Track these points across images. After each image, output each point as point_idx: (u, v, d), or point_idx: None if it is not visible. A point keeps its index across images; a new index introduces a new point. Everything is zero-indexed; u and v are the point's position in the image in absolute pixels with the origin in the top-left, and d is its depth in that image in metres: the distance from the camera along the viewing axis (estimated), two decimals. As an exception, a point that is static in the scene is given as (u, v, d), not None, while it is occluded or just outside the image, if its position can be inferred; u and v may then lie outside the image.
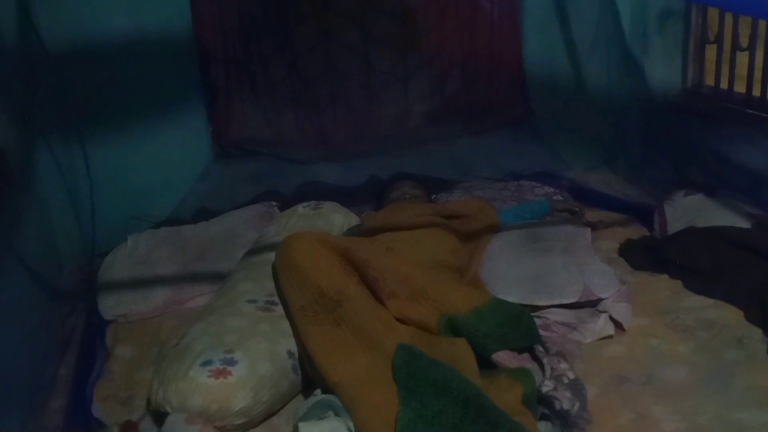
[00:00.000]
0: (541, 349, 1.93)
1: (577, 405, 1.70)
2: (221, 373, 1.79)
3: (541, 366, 1.85)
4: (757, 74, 2.78)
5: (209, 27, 3.04)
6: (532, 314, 2.12)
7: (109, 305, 2.45)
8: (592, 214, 2.87)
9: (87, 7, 2.74)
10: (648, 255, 2.51)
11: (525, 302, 2.18)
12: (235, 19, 3.09)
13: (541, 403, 1.76)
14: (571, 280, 2.23)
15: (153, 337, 2.29)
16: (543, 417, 1.76)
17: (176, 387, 1.77)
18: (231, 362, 1.82)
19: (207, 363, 1.81)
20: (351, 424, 1.69)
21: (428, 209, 2.62)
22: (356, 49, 3.25)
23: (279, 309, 2.08)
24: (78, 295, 2.55)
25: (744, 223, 2.51)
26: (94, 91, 2.80)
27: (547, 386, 1.75)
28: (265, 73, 3.16)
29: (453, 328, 1.96)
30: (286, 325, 2.02)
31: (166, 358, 1.90)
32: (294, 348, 1.97)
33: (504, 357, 1.88)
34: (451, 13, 3.32)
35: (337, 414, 1.73)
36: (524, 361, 1.90)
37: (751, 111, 2.79)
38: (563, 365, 1.81)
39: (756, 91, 2.80)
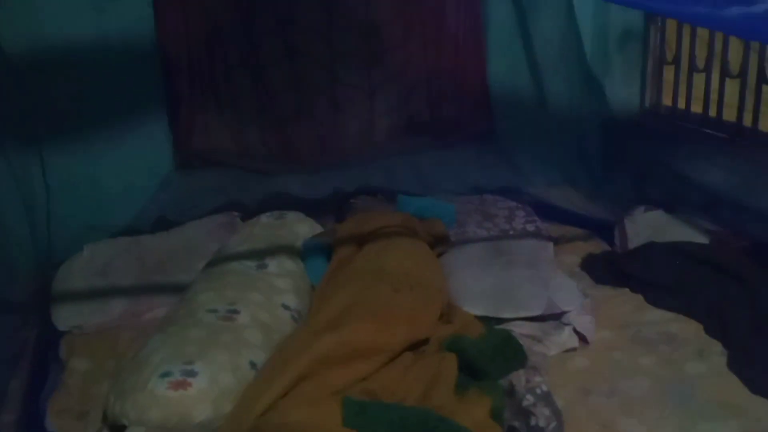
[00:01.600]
0: None
1: (553, 424, 1.72)
2: (180, 385, 1.73)
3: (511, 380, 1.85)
4: (713, 95, 2.85)
5: (173, 36, 3.00)
6: (497, 327, 2.13)
7: (64, 316, 2.38)
8: (554, 229, 2.91)
9: (47, 12, 2.67)
10: (610, 269, 2.54)
11: (490, 315, 2.19)
12: (200, 30, 3.06)
13: (517, 417, 1.75)
14: (535, 294, 2.25)
15: (110, 349, 2.22)
16: (510, 430, 1.75)
17: (134, 400, 1.72)
18: (191, 374, 1.77)
19: (166, 375, 1.75)
20: None
21: (396, 218, 2.62)
22: (322, 63, 3.24)
23: (241, 318, 2.03)
24: (31, 305, 2.46)
25: (702, 239, 2.57)
26: (53, 97, 2.72)
27: (528, 400, 1.75)
28: (229, 85, 3.13)
29: (456, 348, 1.95)
30: (248, 334, 1.98)
31: (123, 370, 1.84)
32: (257, 359, 1.92)
33: None
34: (417, 30, 3.35)
35: None
36: None
37: (707, 131, 2.86)
38: (538, 378, 1.82)
39: (712, 112, 2.88)
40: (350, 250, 2.42)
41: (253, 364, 1.90)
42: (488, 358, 1.92)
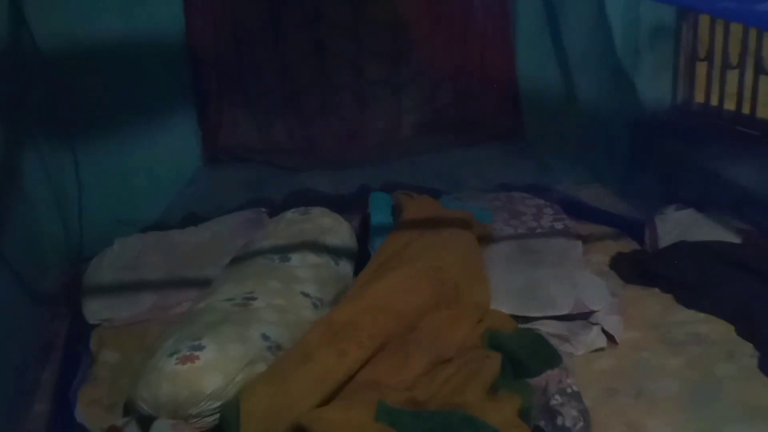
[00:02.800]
0: None
1: (580, 425, 1.70)
2: (188, 359, 1.77)
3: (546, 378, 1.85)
4: (747, 92, 2.80)
5: (202, 33, 3.03)
6: (524, 326, 2.12)
7: (94, 310, 2.42)
8: (583, 228, 2.88)
9: (80, 9, 2.73)
10: (639, 269, 2.51)
11: (517, 314, 2.17)
12: (229, 26, 3.08)
13: (544, 416, 1.74)
14: (563, 292, 2.22)
15: (138, 342, 2.26)
16: (535, 429, 1.74)
17: (145, 380, 1.75)
18: (198, 348, 1.80)
19: (174, 353, 1.79)
20: None
21: (455, 212, 2.64)
22: (349, 60, 3.25)
23: (257, 303, 2.05)
24: (63, 299, 2.51)
25: (733, 239, 2.52)
26: (84, 94, 2.78)
27: (556, 400, 1.74)
28: (257, 81, 3.16)
29: (495, 343, 1.97)
30: (262, 314, 2.00)
31: (142, 362, 1.88)
32: (270, 332, 1.93)
33: None
34: (444, 25, 3.34)
35: None
36: None
37: (740, 128, 2.81)
38: (569, 379, 1.81)
39: (745, 109, 2.82)
40: (408, 235, 2.42)
41: (265, 337, 1.92)
42: (527, 353, 1.93)
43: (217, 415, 1.77)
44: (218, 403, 1.76)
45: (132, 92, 2.86)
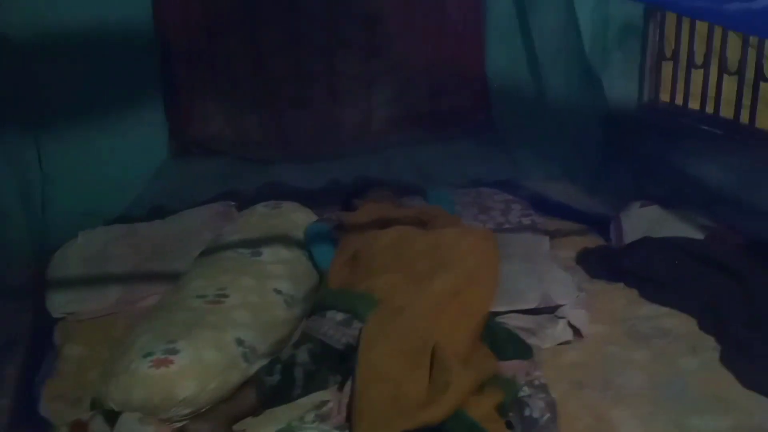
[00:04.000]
0: None
1: (547, 416, 1.73)
2: (162, 363, 1.75)
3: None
4: (711, 92, 2.85)
5: (171, 23, 2.99)
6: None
7: (59, 303, 2.38)
8: (550, 223, 2.91)
9: (46, -1, 2.66)
10: (605, 264, 2.55)
11: (486, 307, 2.18)
12: (199, 16, 3.05)
13: (511, 408, 1.76)
14: (530, 286, 2.24)
15: (104, 336, 2.23)
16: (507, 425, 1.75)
17: (117, 381, 1.73)
18: (173, 351, 1.78)
19: (148, 355, 1.77)
20: None
21: (406, 210, 2.62)
22: (322, 52, 3.23)
23: (229, 301, 2.03)
24: (26, 292, 2.45)
25: (698, 235, 2.57)
26: (49, 83, 2.71)
27: (524, 392, 1.76)
28: (228, 72, 3.12)
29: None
30: (236, 314, 1.99)
31: (110, 357, 1.86)
32: (244, 336, 1.92)
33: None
34: (417, 21, 3.35)
35: None
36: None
37: (704, 127, 2.86)
38: (537, 372, 1.83)
39: (709, 108, 2.87)
40: (363, 239, 2.38)
41: (239, 341, 1.90)
42: (504, 341, 1.97)
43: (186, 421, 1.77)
44: (189, 410, 1.75)
45: (98, 83, 2.79)
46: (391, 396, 1.68)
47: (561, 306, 2.20)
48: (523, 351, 1.97)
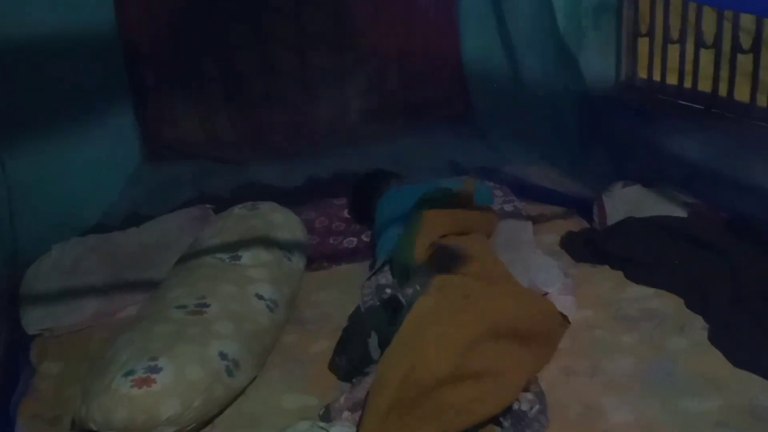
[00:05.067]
0: None
1: (536, 408, 1.69)
2: (144, 382, 1.69)
3: None
4: (688, 66, 2.82)
5: (136, 24, 2.94)
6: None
7: (34, 319, 2.32)
8: (533, 208, 2.88)
9: (3, 1, 2.57)
10: (589, 247, 2.52)
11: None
12: (163, 15, 2.99)
13: None
14: (516, 275, 2.21)
15: (82, 351, 2.18)
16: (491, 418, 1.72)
17: (98, 402, 1.67)
18: (155, 370, 1.73)
19: (129, 373, 1.71)
20: None
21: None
22: (291, 46, 3.18)
23: (210, 311, 1.98)
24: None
25: (681, 213, 2.54)
26: (10, 91, 2.63)
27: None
28: (195, 72, 3.07)
29: None
30: (218, 326, 1.93)
31: (90, 373, 1.80)
32: (227, 349, 1.87)
33: None
34: (388, 9, 3.29)
35: None
36: None
37: (683, 102, 2.83)
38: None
39: (687, 83, 2.84)
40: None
41: (223, 355, 1.85)
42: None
43: None
44: (173, 429, 1.70)
45: (63, 89, 2.72)
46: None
47: (547, 294, 2.16)
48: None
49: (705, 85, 2.77)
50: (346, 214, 2.89)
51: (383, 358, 1.72)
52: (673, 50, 2.89)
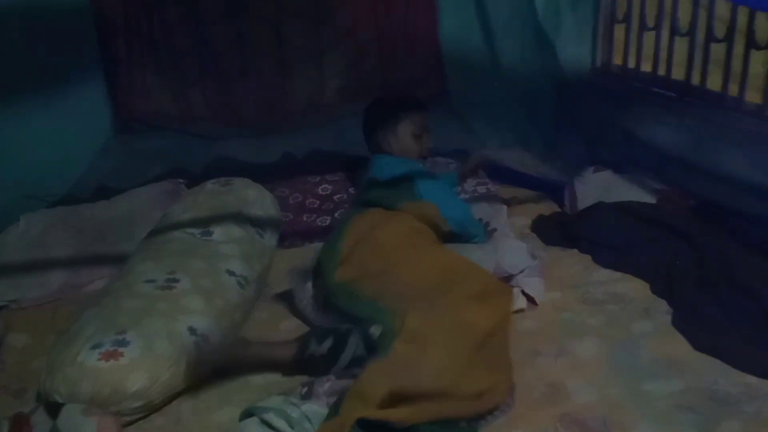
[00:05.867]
0: None
1: None
2: (112, 356, 1.69)
3: None
4: (663, 53, 2.84)
5: (108, -6, 2.86)
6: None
7: (1, 290, 2.28)
8: (506, 192, 2.89)
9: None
10: (559, 230, 2.54)
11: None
12: (137, -14, 2.92)
13: None
14: (484, 259, 2.22)
15: (49, 324, 2.16)
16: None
17: (64, 374, 1.67)
18: (123, 343, 1.72)
19: (96, 346, 1.71)
20: None
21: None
22: (268, 21, 3.13)
23: (180, 286, 1.97)
24: (-36, 280, 2.36)
25: (650, 199, 2.58)
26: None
27: None
28: (169, 44, 3.01)
29: None
30: (187, 301, 1.93)
31: (55, 345, 1.79)
32: (197, 324, 1.87)
33: None
34: (367, -13, 3.26)
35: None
36: None
37: (657, 89, 2.86)
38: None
39: (661, 70, 2.86)
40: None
41: (192, 330, 1.85)
42: None
43: (139, 415, 1.72)
44: (140, 402, 1.70)
45: (34, 60, 2.67)
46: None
47: (514, 276, 2.18)
48: None
49: (678, 73, 2.79)
50: (320, 191, 2.88)
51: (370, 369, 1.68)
52: (649, 37, 2.91)
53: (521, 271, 2.18)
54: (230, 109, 3.15)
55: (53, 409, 1.69)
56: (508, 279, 2.17)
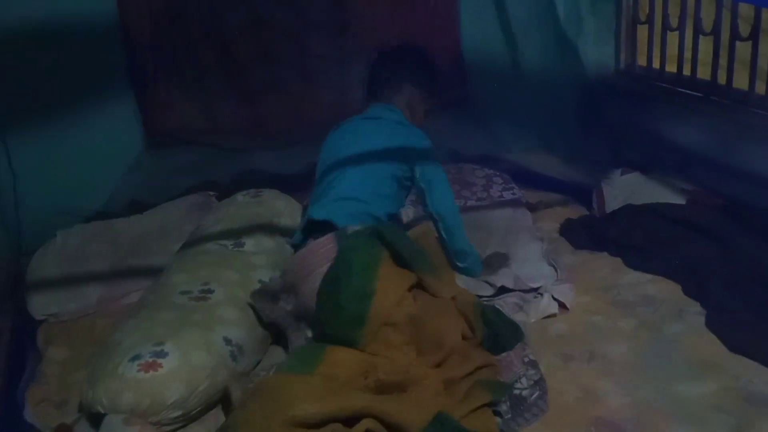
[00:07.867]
0: None
1: (536, 394, 1.72)
2: (151, 366, 1.72)
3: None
4: (687, 54, 2.83)
5: (135, 12, 2.93)
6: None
7: (40, 305, 2.34)
8: (532, 195, 2.90)
9: (-1, -9, 2.58)
10: (588, 234, 2.54)
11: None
12: (163, 3, 2.97)
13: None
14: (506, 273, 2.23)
15: (87, 336, 2.21)
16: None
17: (105, 386, 1.70)
18: (161, 354, 1.75)
19: (136, 358, 1.74)
20: None
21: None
22: (291, 33, 3.17)
23: (215, 297, 2.01)
24: (5, 295, 2.42)
25: (678, 199, 2.57)
26: (12, 80, 2.65)
27: (521, 384, 1.74)
28: (195, 59, 3.07)
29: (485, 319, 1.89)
30: (222, 311, 1.96)
31: (96, 357, 1.83)
32: (231, 335, 1.90)
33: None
34: (387, -4, 3.29)
35: None
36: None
37: (681, 90, 2.85)
38: (527, 350, 1.83)
39: (686, 70, 2.85)
40: None
41: (227, 340, 1.88)
42: (505, 328, 1.89)
43: (178, 425, 1.76)
44: (179, 412, 1.74)
45: (65, 77, 2.73)
46: None
47: (535, 289, 2.18)
48: (518, 333, 1.90)
49: (704, 73, 2.78)
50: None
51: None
52: (672, 38, 2.90)
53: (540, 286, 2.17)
54: (256, 121, 3.20)
55: (95, 420, 1.73)
56: (530, 291, 2.18)
